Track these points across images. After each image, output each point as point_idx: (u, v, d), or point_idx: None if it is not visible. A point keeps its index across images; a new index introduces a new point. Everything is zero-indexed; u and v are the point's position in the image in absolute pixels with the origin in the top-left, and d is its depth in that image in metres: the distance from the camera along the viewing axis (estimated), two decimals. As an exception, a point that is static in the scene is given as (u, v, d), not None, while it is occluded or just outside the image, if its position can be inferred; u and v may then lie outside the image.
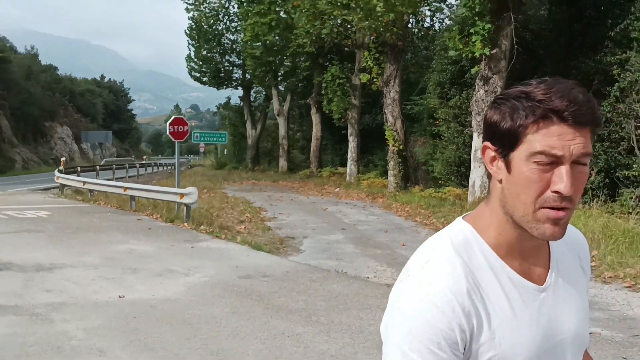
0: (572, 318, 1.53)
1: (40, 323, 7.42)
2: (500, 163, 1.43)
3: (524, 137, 1.37)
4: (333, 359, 6.21)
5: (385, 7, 19.61)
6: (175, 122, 19.95)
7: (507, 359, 1.42)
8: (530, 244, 1.47)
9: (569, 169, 1.34)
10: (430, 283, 1.40)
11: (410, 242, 13.82)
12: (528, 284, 1.48)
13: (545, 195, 1.35)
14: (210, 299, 8.63)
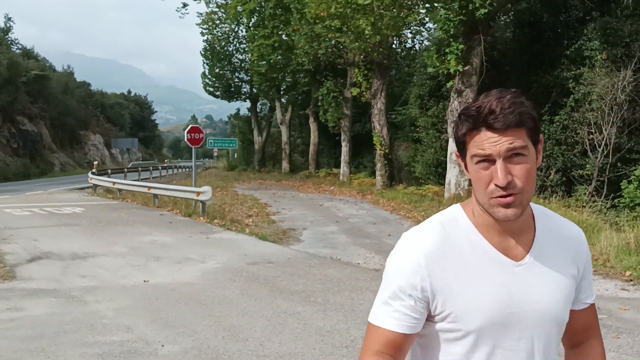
0: (544, 295, 1.54)
1: (76, 304, 7.42)
2: (464, 165, 1.55)
3: (467, 145, 1.49)
4: (329, 334, 6.21)
5: (372, 31, 19.62)
6: (192, 130, 19.96)
7: (466, 314, 1.50)
8: (510, 227, 1.52)
9: (502, 164, 1.42)
10: (409, 245, 1.57)
11: (395, 233, 13.81)
12: (504, 258, 1.53)
13: (490, 188, 1.44)
14: (222, 283, 8.63)
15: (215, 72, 46.20)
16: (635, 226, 11.23)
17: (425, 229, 1.59)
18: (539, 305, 1.53)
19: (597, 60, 17.03)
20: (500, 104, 1.42)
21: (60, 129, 65.76)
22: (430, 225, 1.59)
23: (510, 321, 1.52)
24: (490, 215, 1.49)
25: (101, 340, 6.01)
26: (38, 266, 9.83)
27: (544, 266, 1.56)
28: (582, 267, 1.64)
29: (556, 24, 20.15)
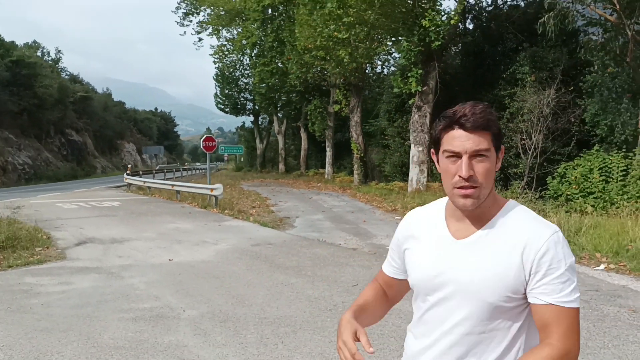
0: (472, 273, 1.46)
1: (114, 279, 7.41)
2: (437, 161, 1.55)
3: (441, 141, 1.49)
4: (316, 300, 6.23)
5: (350, 59, 19.64)
6: (207, 140, 19.93)
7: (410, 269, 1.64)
8: (468, 214, 1.52)
9: (467, 160, 1.42)
10: (406, 215, 1.76)
11: (368, 219, 13.85)
12: (449, 236, 1.55)
13: (455, 179, 1.44)
14: (231, 260, 8.63)
15: (225, 93, 46.12)
16: (557, 213, 11.32)
17: (420, 207, 1.72)
18: (465, 278, 1.47)
19: (527, 82, 17.16)
20: (473, 110, 1.43)
21: (101, 139, 65.42)
22: (426, 205, 1.71)
23: (434, 285, 1.53)
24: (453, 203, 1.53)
25: (135, 307, 6.01)
26: (84, 249, 9.79)
27: (480, 249, 1.47)
28: (532, 263, 1.42)
29: (495, 53, 20.29)
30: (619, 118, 14.74)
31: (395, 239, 1.73)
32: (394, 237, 1.74)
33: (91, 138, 62.03)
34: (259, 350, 4.63)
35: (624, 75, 15.00)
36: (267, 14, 32.91)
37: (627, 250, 8.35)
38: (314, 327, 5.24)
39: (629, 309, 5.84)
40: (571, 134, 16.65)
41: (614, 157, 12.82)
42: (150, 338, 4.98)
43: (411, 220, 1.69)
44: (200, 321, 5.47)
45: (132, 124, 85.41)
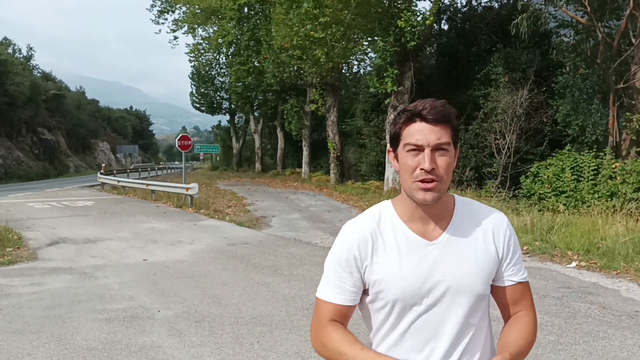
0: (455, 269, 1.48)
1: (88, 279, 7.30)
2: (395, 159, 1.52)
3: (401, 136, 1.47)
4: (292, 299, 6.22)
5: (326, 59, 19.64)
6: (182, 139, 19.77)
7: (387, 284, 1.48)
8: (429, 211, 1.50)
9: (429, 153, 1.41)
10: (346, 230, 1.57)
11: (345, 218, 13.84)
12: (419, 239, 1.49)
13: (416, 173, 1.42)
14: (207, 260, 8.58)
15: (200, 92, 45.82)
16: (530, 211, 11.48)
17: (360, 219, 1.57)
18: (450, 278, 1.47)
19: (501, 82, 17.38)
20: (434, 103, 1.43)
21: (74, 137, 64.40)
22: (362, 217, 1.58)
23: (423, 292, 1.47)
24: (412, 199, 1.47)
25: (109, 307, 5.93)
26: (56, 249, 9.63)
27: (457, 245, 1.50)
28: (502, 248, 1.54)
29: (469, 54, 20.48)
30: (589, 118, 15.01)
31: (343, 262, 1.53)
32: (339, 260, 1.54)
33: (64, 137, 60.99)
34: (234, 350, 4.61)
35: (594, 77, 15.29)
36: (244, 13, 32.73)
37: (597, 248, 8.50)
38: (290, 327, 5.23)
39: (599, 306, 5.95)
40: (544, 134, 16.91)
41: (585, 157, 13.04)
42: (124, 339, 4.92)
43: (360, 235, 1.52)
44: (175, 321, 5.42)
45: (106, 123, 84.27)
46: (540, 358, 4.40)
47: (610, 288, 6.79)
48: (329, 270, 1.57)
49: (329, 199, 19.41)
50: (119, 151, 73.34)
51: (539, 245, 9.25)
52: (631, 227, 9.00)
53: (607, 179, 12.08)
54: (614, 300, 6.20)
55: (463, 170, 17.51)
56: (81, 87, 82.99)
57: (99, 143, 76.04)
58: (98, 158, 71.15)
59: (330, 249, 1.60)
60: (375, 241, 1.51)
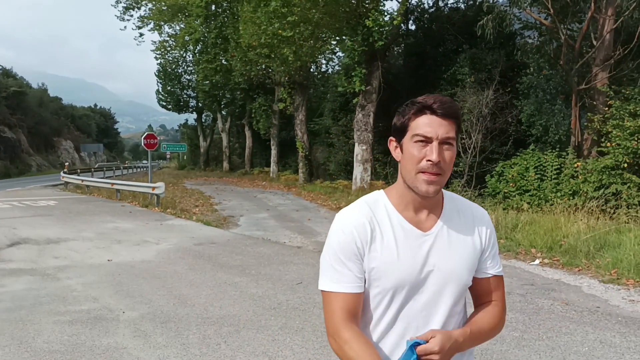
0: (447, 260, 1.55)
1: (50, 280, 7.14)
2: (398, 149, 1.54)
3: (408, 127, 1.50)
4: (260, 299, 6.19)
5: (294, 58, 19.61)
6: (148, 137, 19.52)
7: (385, 275, 1.51)
8: (423, 203, 1.54)
9: (437, 145, 1.45)
10: (342, 219, 1.57)
11: (313, 217, 13.89)
12: (414, 229, 1.54)
13: (422, 164, 1.46)
14: (173, 260, 8.47)
15: (167, 90, 45.35)
16: (495, 210, 11.66)
17: (355, 208, 1.59)
18: (442, 267, 1.54)
19: (467, 83, 17.60)
20: (442, 99, 1.48)
21: (36, 136, 62.86)
22: (358, 205, 1.59)
23: (419, 281, 1.53)
24: (412, 191, 1.51)
25: (72, 309, 5.80)
26: (17, 250, 9.39)
27: (448, 237, 1.57)
28: (484, 242, 1.62)
29: (436, 54, 20.70)
30: (553, 119, 15.33)
31: (345, 250, 1.53)
32: (342, 249, 1.54)
33: (25, 135, 59.50)
34: (201, 351, 4.56)
35: (557, 78, 15.62)
36: (211, 11, 32.44)
37: (560, 246, 8.70)
38: (258, 326, 5.21)
39: (562, 302, 6.08)
40: (508, 134, 17.19)
41: (548, 157, 13.32)
42: (88, 341, 4.82)
43: (358, 223, 1.54)
44: (140, 322, 5.34)
45: (69, 121, 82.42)
46: (505, 354, 4.47)
47: (573, 284, 6.95)
48: (331, 261, 1.55)
49: (297, 198, 19.40)
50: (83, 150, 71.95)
51: (504, 243, 9.41)
52: (592, 225, 9.23)
53: (569, 178, 12.36)
54: (575, 297, 6.35)
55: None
56: (43, 84, 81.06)
57: (62, 141, 74.41)
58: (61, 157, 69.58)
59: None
60: (373, 230, 1.53)
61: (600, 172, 11.52)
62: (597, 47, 13.15)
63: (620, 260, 7.51)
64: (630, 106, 11.76)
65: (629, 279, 6.94)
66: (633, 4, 12.31)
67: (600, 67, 13.16)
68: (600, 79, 13.12)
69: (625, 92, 12.31)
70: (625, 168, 11.23)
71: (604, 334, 5.01)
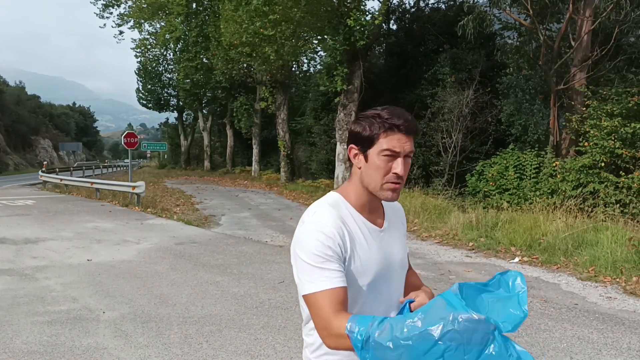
0: (398, 250, 1.76)
1: (28, 281, 7.04)
2: (360, 157, 1.64)
3: (376, 141, 1.60)
4: (242, 298, 6.18)
5: (276, 56, 19.55)
6: (128, 136, 19.33)
7: (362, 269, 1.62)
8: (375, 204, 1.71)
9: (402, 160, 1.60)
10: (319, 222, 1.60)
11: (295, 216, 13.88)
12: (374, 227, 1.70)
13: (389, 176, 1.60)
14: (154, 260, 8.41)
15: (147, 88, 44.93)
16: (476, 208, 11.77)
17: (324, 211, 1.63)
18: (397, 258, 1.75)
19: (448, 82, 17.73)
20: (406, 117, 1.60)
21: (14, 134, 61.89)
22: (326, 208, 1.64)
23: (386, 272, 1.68)
24: (374, 196, 1.65)
25: (50, 309, 5.74)
26: (-6, 250, 9.25)
27: (393, 230, 1.78)
28: (404, 229, 1.88)
29: (417, 54, 20.80)
30: (532, 118, 15.51)
31: (328, 251, 1.55)
32: (328, 245, 1.55)
33: (2, 133, 58.51)
34: (182, 350, 4.54)
35: (536, 78, 15.79)
36: (192, 9, 32.21)
37: (539, 244, 8.81)
38: (240, 325, 5.20)
39: (540, 299, 6.16)
40: (488, 133, 17.35)
41: (527, 156, 13.47)
42: (67, 341, 4.77)
43: (336, 225, 1.59)
44: (121, 322, 5.30)
45: (47, 119, 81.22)
46: (485, 351, 4.51)
47: (551, 282, 7.05)
48: (313, 263, 1.54)
49: (279, 197, 19.37)
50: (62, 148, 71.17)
51: (484, 242, 9.50)
52: (570, 223, 9.36)
53: (548, 176, 12.52)
54: (554, 294, 6.44)
55: (411, 169, 17.73)
56: (21, 82, 79.86)
57: (41, 140, 73.34)
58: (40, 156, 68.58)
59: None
60: (347, 230, 1.62)
61: (578, 171, 11.68)
62: (575, 47, 13.33)
63: (598, 258, 7.63)
64: (607, 106, 11.94)
65: (606, 277, 7.06)
66: (610, 6, 12.50)
67: (578, 67, 13.34)
68: (578, 79, 13.31)
69: (603, 93, 12.49)
70: (602, 167, 11.41)
71: (582, 330, 5.09)
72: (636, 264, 7.22)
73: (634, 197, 10.70)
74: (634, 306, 5.95)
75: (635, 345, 4.70)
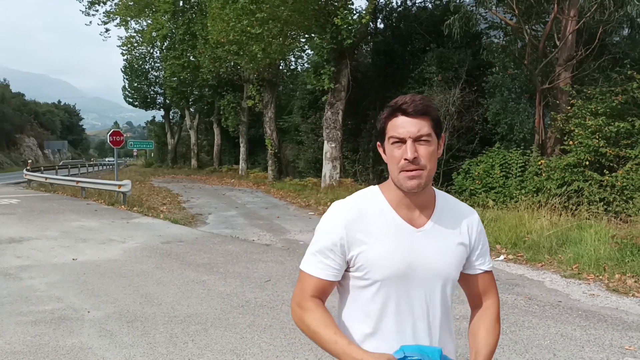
0: (436, 256, 1.61)
1: (12, 280, 6.98)
2: (384, 152, 1.61)
3: (385, 130, 1.58)
4: (228, 297, 6.17)
5: (263, 55, 19.52)
6: (114, 134, 19.21)
7: (374, 267, 1.57)
8: (415, 200, 1.60)
9: (411, 143, 1.51)
10: (332, 213, 1.64)
11: (282, 215, 13.88)
12: (407, 225, 1.60)
13: (401, 163, 1.53)
14: (140, 259, 8.37)
15: (134, 86, 44.68)
16: (462, 207, 11.82)
17: (347, 200, 1.65)
18: (431, 263, 1.60)
19: (435, 81, 17.80)
20: (413, 98, 1.54)
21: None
22: (351, 199, 1.66)
23: (408, 275, 1.58)
24: (399, 188, 1.58)
25: (35, 309, 5.69)
26: (-23, 250, 9.15)
27: (439, 233, 1.63)
28: (473, 239, 1.69)
29: (404, 53, 20.86)
30: (517, 117, 15.62)
31: (333, 240, 1.60)
32: (330, 239, 1.61)
33: (-14, 132, 58.01)
34: (168, 350, 4.53)
35: (522, 77, 15.91)
36: (179, 6, 32.11)
37: (524, 242, 8.88)
38: (226, 324, 5.19)
39: (525, 297, 6.22)
40: (475, 132, 17.45)
41: (513, 154, 13.57)
42: (52, 341, 4.74)
43: (350, 217, 1.60)
44: (106, 322, 5.27)
45: (32, 117, 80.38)
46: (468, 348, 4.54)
47: (536, 279, 7.12)
48: (316, 246, 1.63)
49: (266, 196, 19.35)
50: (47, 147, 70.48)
51: (470, 240, 9.54)
52: (555, 221, 9.44)
53: (533, 175, 12.62)
54: (538, 291, 6.51)
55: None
56: (5, 80, 79.11)
57: (25, 138, 72.62)
58: (24, 154, 67.92)
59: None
60: (362, 222, 1.59)
61: (563, 170, 11.79)
62: (560, 47, 13.45)
63: (581, 255, 7.71)
64: (592, 105, 12.06)
65: (589, 274, 7.14)
66: (594, 6, 12.62)
67: (563, 67, 13.46)
68: (563, 78, 13.43)
69: (587, 92, 12.61)
70: (586, 166, 11.52)
71: (565, 327, 5.14)
72: (619, 262, 7.31)
73: (617, 196, 10.82)
74: (617, 303, 6.03)
75: (618, 341, 4.76)
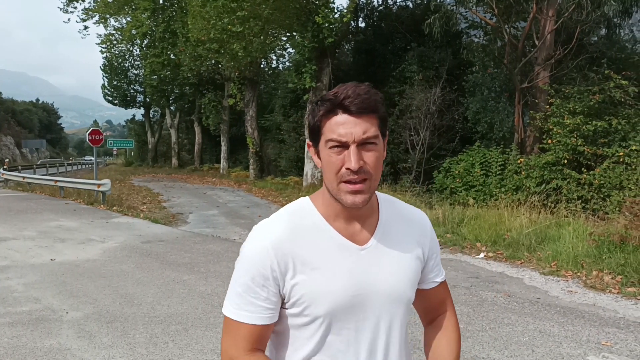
0: (388, 277, 1.31)
1: (-12, 281, 6.87)
2: (316, 154, 1.30)
3: (321, 130, 1.25)
4: (209, 296, 6.14)
5: (244, 53, 19.45)
6: (93, 133, 19.02)
7: (315, 299, 1.26)
8: (356, 213, 1.29)
9: (355, 149, 1.20)
10: (258, 236, 1.30)
11: (264, 214, 13.84)
12: (349, 243, 1.29)
13: (342, 172, 1.21)
14: (120, 259, 8.29)
15: (113, 84, 44.25)
16: (442, 205, 11.92)
17: (273, 220, 1.32)
18: (383, 287, 1.30)
19: (415, 80, 17.91)
20: (357, 90, 1.21)
21: (-27, 131, 60.37)
22: (277, 217, 1.33)
23: (357, 303, 1.28)
24: (338, 202, 1.26)
25: (12, 310, 5.61)
26: (-47, 250, 8.99)
27: (388, 249, 1.33)
28: (427, 249, 1.41)
29: (385, 52, 20.94)
30: (497, 116, 15.78)
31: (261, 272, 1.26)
32: (257, 270, 1.26)
33: (-38, 130, 57.02)
34: (148, 350, 4.49)
35: (502, 76, 16.08)
36: (158, 4, 31.83)
37: (503, 240, 8.97)
38: (207, 324, 5.17)
39: (504, 294, 6.28)
40: (455, 131, 17.59)
41: (493, 153, 13.71)
42: (29, 343, 4.67)
43: (277, 242, 1.27)
44: (85, 323, 5.21)
45: (9, 116, 79.08)
46: None
47: (515, 277, 7.20)
48: (239, 284, 1.30)
49: (248, 195, 19.30)
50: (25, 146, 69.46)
51: (450, 238, 9.63)
52: (534, 219, 9.56)
53: (512, 173, 12.76)
54: (517, 289, 6.58)
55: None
56: (-19, 77, 77.88)
57: (2, 137, 71.45)
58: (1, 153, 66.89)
59: (236, 261, 1.33)
60: (295, 245, 1.27)
61: (542, 168, 11.94)
62: (538, 46, 13.60)
63: (560, 253, 7.82)
64: (570, 104, 12.23)
65: (567, 271, 7.24)
66: (572, 6, 12.79)
67: (541, 66, 13.62)
68: (542, 77, 13.59)
69: (565, 91, 12.79)
70: (565, 164, 11.68)
71: (544, 324, 5.21)
72: (596, 259, 7.42)
73: (595, 193, 10.99)
74: (594, 299, 6.12)
75: (595, 337, 4.84)
